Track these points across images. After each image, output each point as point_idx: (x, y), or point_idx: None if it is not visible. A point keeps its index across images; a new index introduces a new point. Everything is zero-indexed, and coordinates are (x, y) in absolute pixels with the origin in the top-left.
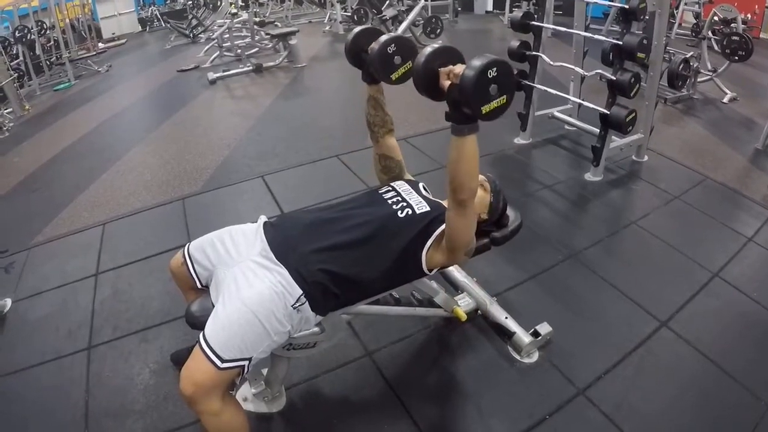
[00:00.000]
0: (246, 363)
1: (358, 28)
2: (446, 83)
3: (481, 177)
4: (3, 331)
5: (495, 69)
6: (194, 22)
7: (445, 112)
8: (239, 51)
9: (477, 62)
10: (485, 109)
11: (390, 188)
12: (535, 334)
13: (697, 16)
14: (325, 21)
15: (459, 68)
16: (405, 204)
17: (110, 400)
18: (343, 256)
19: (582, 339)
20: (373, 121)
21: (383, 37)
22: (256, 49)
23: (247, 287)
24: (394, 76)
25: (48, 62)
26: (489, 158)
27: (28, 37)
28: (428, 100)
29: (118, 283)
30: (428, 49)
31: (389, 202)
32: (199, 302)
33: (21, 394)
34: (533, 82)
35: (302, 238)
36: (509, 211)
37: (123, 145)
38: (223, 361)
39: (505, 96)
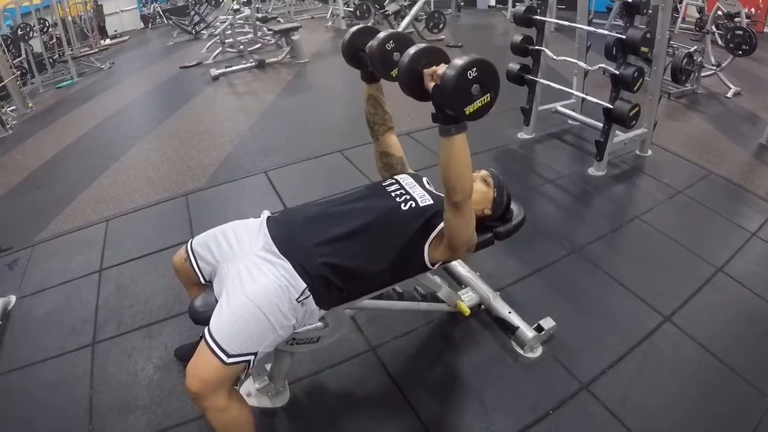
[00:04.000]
0: (252, 358)
1: (354, 28)
2: (431, 84)
3: (484, 172)
4: (7, 327)
5: (475, 69)
6: (196, 18)
7: (431, 113)
8: (242, 47)
9: (456, 62)
10: (468, 109)
11: (394, 181)
12: (539, 328)
13: (700, 10)
14: (328, 17)
15: (442, 69)
16: (408, 197)
17: (114, 395)
18: (344, 247)
19: (585, 334)
20: (373, 120)
21: (381, 34)
22: (259, 45)
23: (251, 282)
24: (393, 73)
25: (51, 60)
26: (492, 153)
27: (31, 35)
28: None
29: (122, 279)
30: (412, 50)
31: (393, 194)
32: (202, 297)
33: (26, 390)
34: (536, 77)
35: (305, 232)
36: (513, 206)
37: (126, 141)
38: (229, 356)
39: (488, 94)
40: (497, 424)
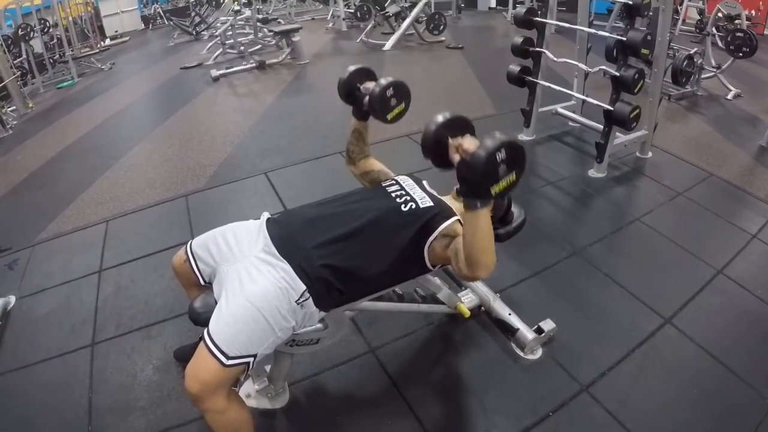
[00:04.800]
0: (251, 359)
1: (352, 68)
2: (455, 156)
3: None
4: (7, 327)
5: (503, 150)
6: (197, 19)
7: (455, 188)
8: (242, 48)
9: (487, 144)
10: (494, 189)
11: (394, 182)
12: (539, 330)
13: (701, 12)
14: (328, 18)
15: (468, 143)
16: (408, 198)
17: (113, 396)
18: (344, 249)
19: (585, 336)
20: (353, 149)
21: (383, 81)
22: (259, 46)
23: (251, 284)
24: (389, 116)
25: (51, 60)
26: None
27: (32, 35)
28: (432, 98)
29: (122, 279)
30: (439, 118)
31: (393, 195)
32: (202, 299)
33: (25, 390)
34: (537, 79)
35: (304, 234)
36: (513, 208)
37: (126, 142)
38: (228, 358)
39: (514, 173)
40: (497, 426)
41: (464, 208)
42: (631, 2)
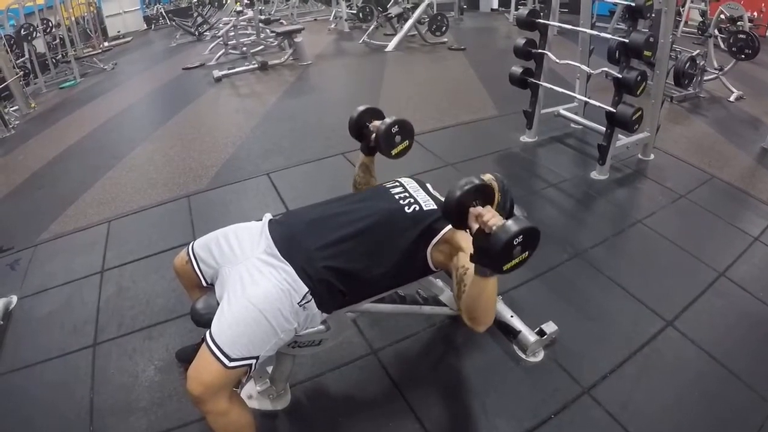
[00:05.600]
0: (253, 361)
1: (362, 107)
2: (474, 225)
3: (488, 176)
4: (8, 327)
5: (522, 236)
6: (199, 20)
7: (470, 254)
8: (244, 49)
9: (509, 228)
10: (506, 266)
11: (398, 183)
12: (541, 332)
13: (703, 14)
14: (331, 19)
15: (488, 216)
16: (412, 200)
17: (115, 397)
18: (347, 250)
19: (587, 338)
20: (360, 181)
21: (388, 120)
22: (262, 46)
23: (253, 285)
24: (394, 152)
25: (54, 60)
26: (495, 156)
27: (34, 35)
28: (434, 100)
29: (123, 280)
30: (466, 185)
31: (396, 197)
32: (204, 300)
33: (26, 390)
34: (539, 80)
35: (307, 235)
36: (515, 210)
37: (128, 142)
38: (230, 360)
39: (527, 252)
40: (499, 428)
41: (474, 272)
42: (633, 4)
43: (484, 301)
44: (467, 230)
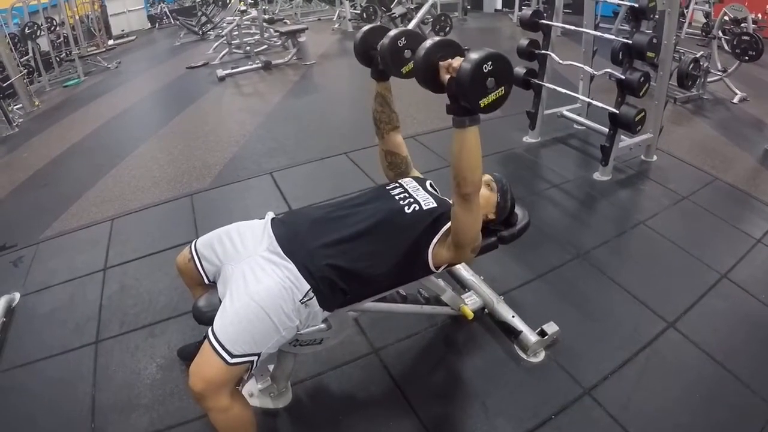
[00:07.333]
0: (255, 358)
1: (366, 26)
2: (446, 77)
3: (487, 176)
4: (11, 324)
5: (490, 62)
6: (203, 19)
7: (446, 104)
8: (248, 48)
9: (472, 56)
10: (483, 102)
11: (397, 185)
12: (542, 333)
13: (707, 15)
14: (335, 18)
15: (457, 62)
16: (412, 200)
17: (117, 394)
18: (349, 250)
19: (589, 339)
20: (379, 118)
21: (393, 31)
22: (265, 46)
23: (255, 282)
24: (404, 70)
25: (57, 59)
26: (498, 156)
27: (38, 34)
28: (436, 98)
29: (126, 278)
30: (428, 42)
31: (396, 198)
32: (206, 297)
33: (28, 387)
34: (542, 81)
35: (309, 234)
36: (517, 210)
37: (132, 141)
38: (232, 356)
39: (503, 87)
40: (499, 428)
41: (453, 125)
42: (637, 5)
43: (466, 155)
44: (442, 89)
